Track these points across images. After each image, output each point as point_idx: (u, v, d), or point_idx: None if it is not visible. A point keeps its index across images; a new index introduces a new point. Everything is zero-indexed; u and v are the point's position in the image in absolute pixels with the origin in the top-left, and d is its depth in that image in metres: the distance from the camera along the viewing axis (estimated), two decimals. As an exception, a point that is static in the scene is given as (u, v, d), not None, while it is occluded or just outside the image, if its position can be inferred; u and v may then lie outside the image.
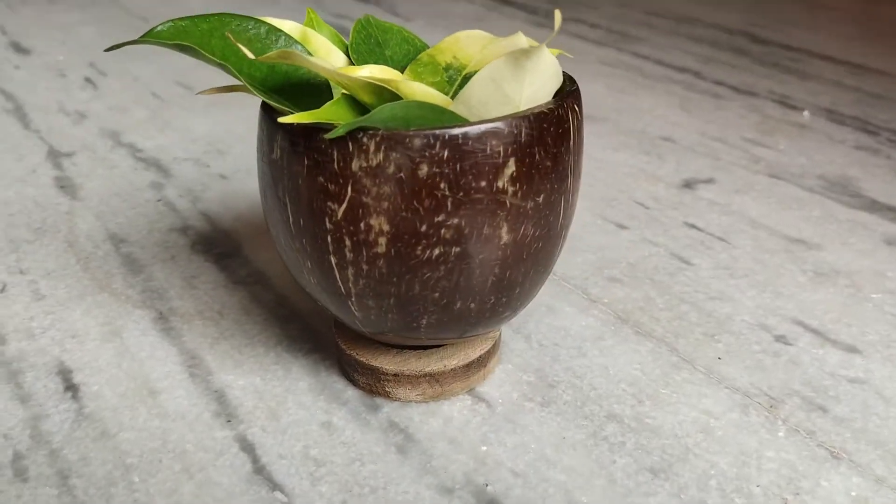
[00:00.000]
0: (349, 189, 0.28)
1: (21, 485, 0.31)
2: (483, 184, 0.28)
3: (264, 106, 0.31)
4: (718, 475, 0.31)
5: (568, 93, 0.31)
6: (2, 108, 0.70)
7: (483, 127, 0.27)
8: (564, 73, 0.34)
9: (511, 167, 0.28)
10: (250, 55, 0.28)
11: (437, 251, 0.29)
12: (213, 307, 0.42)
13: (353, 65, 0.35)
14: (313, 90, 0.33)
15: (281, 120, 0.27)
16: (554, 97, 0.31)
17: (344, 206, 0.28)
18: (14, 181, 0.56)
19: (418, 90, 0.29)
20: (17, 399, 0.36)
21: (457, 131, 0.27)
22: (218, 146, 0.62)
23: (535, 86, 0.28)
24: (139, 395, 0.36)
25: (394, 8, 0.99)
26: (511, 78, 0.28)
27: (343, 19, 0.96)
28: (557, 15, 0.26)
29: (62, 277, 0.45)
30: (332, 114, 0.28)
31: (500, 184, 0.28)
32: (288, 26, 0.35)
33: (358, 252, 0.29)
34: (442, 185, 0.28)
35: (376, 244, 0.29)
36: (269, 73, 0.32)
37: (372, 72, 0.30)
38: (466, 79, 0.34)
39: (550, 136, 0.29)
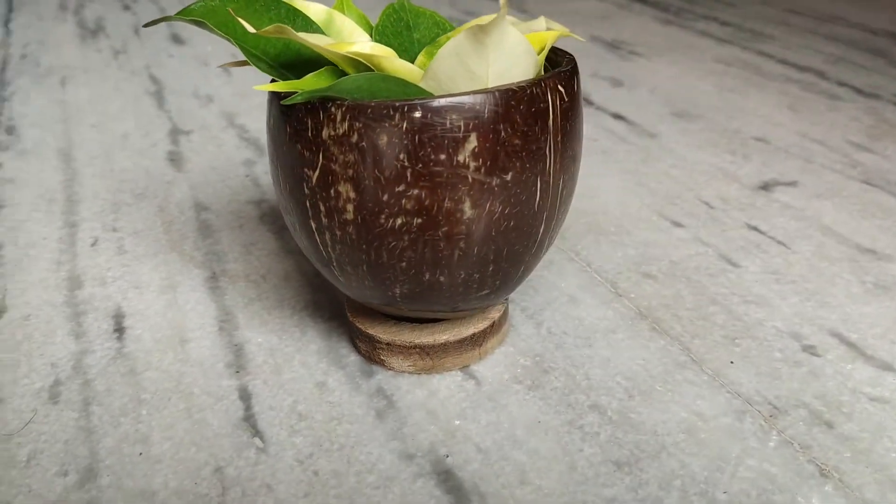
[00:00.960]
0: (321, 156, 0.30)
1: (51, 406, 0.36)
2: (443, 157, 0.28)
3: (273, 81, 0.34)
4: (686, 476, 0.30)
5: (553, 73, 0.30)
6: (146, 90, 0.79)
7: (443, 101, 0.28)
8: (566, 53, 0.34)
9: (472, 142, 0.29)
10: (251, 29, 0.30)
11: (399, 221, 0.30)
12: (259, 271, 0.45)
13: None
14: (332, 68, 0.35)
15: (256, 87, 0.29)
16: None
17: (317, 172, 0.30)
18: (135, 153, 0.63)
19: (399, 66, 0.30)
20: (73, 335, 0.41)
21: (416, 103, 0.28)
22: (317, 130, 0.66)
23: (503, 63, 0.29)
24: (171, 342, 0.40)
25: (522, 5, 1.00)
26: (473, 53, 0.28)
27: (471, 16, 0.98)
28: (501, -11, 0.26)
29: (145, 237, 0.50)
30: (311, 84, 0.30)
31: (460, 158, 0.29)
32: (314, 9, 0.37)
33: (331, 218, 0.30)
34: (401, 156, 0.28)
35: (345, 210, 0.30)
36: (283, 50, 0.35)
37: (362, 48, 0.32)
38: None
39: (520, 115, 0.29)
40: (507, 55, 0.28)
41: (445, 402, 0.34)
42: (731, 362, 0.36)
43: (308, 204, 0.31)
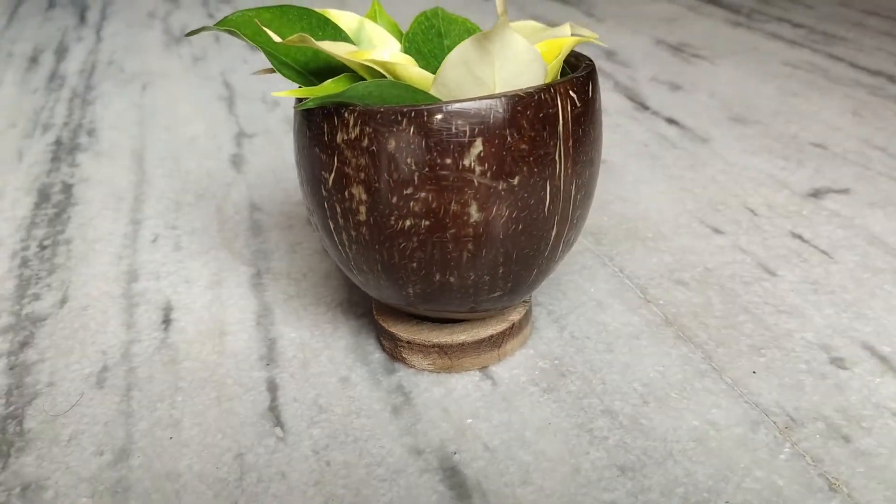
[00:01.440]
0: (335, 159, 0.31)
1: (97, 390, 0.38)
2: (448, 161, 0.29)
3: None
4: (689, 484, 0.30)
5: (563, 79, 0.31)
6: (220, 95, 0.82)
7: (449, 106, 0.29)
8: (586, 58, 0.34)
9: (478, 147, 0.29)
10: (277, 38, 0.32)
11: (408, 222, 0.30)
12: (301, 270, 0.47)
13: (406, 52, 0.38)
14: (353, 75, 0.36)
15: (274, 94, 0.30)
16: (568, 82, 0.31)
17: (332, 175, 0.31)
18: (200, 155, 0.67)
19: (414, 73, 0.31)
20: (125, 325, 0.43)
21: (423, 109, 0.29)
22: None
23: (510, 70, 0.29)
24: (212, 334, 0.42)
25: (591, 10, 0.99)
26: (479, 61, 0.29)
27: (538, 21, 0.99)
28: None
29: (200, 235, 0.53)
30: (328, 90, 0.31)
31: (466, 162, 0.29)
32: (346, 18, 0.38)
33: (346, 219, 0.32)
34: (408, 160, 0.29)
35: (358, 212, 0.31)
36: (312, 58, 0.36)
37: (379, 56, 0.33)
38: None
39: (527, 120, 0.30)
40: (513, 62, 0.29)
41: (460, 400, 0.35)
42: (754, 372, 0.35)
43: (326, 205, 0.32)
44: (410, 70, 0.31)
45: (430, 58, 0.39)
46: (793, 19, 0.87)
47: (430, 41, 0.39)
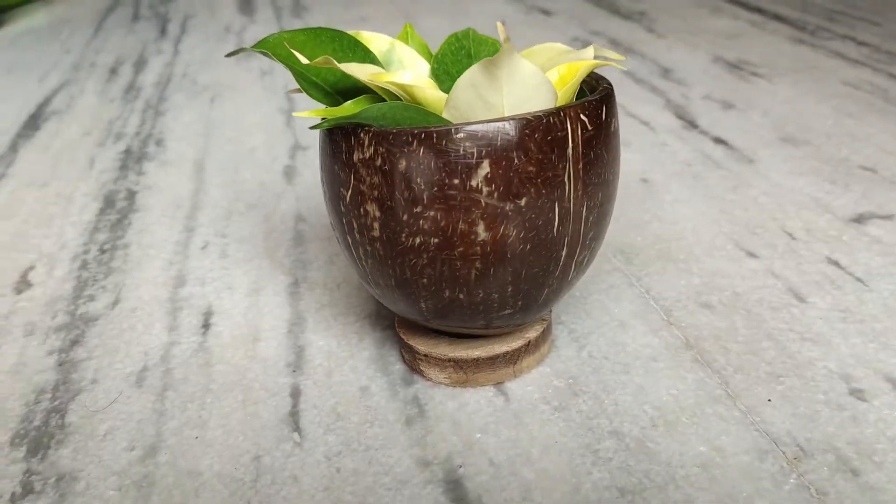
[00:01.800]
0: (352, 177, 0.32)
1: (135, 389, 0.41)
2: (456, 181, 0.30)
3: (331, 106, 0.37)
4: (687, 510, 0.30)
5: (574, 103, 0.31)
6: (280, 108, 0.85)
7: (457, 129, 0.30)
8: (605, 82, 0.34)
9: (485, 168, 0.30)
10: (304, 60, 0.34)
11: (418, 240, 0.31)
12: (336, 280, 0.49)
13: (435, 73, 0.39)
14: (376, 95, 0.38)
15: (295, 114, 0.32)
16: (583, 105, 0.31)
17: (350, 192, 0.33)
18: (255, 166, 0.69)
19: (430, 95, 0.32)
20: (167, 328, 0.46)
21: (432, 131, 0.30)
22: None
23: (519, 94, 0.30)
24: (245, 340, 0.44)
25: (651, 25, 0.98)
26: (487, 85, 0.30)
27: (598, 36, 0.98)
28: (500, 28, 0.27)
29: (247, 243, 0.55)
30: (347, 110, 0.33)
31: (473, 183, 0.30)
32: (378, 40, 0.40)
33: (362, 234, 0.33)
34: (418, 180, 0.30)
35: (373, 228, 0.32)
36: (341, 79, 0.38)
37: (399, 78, 0.34)
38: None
39: (534, 143, 0.30)
40: (520, 87, 0.30)
41: (472, 415, 0.36)
42: (769, 400, 0.35)
43: (344, 221, 0.34)
44: (427, 92, 0.32)
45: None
46: (858, 37, 0.85)
47: (459, 62, 0.40)
